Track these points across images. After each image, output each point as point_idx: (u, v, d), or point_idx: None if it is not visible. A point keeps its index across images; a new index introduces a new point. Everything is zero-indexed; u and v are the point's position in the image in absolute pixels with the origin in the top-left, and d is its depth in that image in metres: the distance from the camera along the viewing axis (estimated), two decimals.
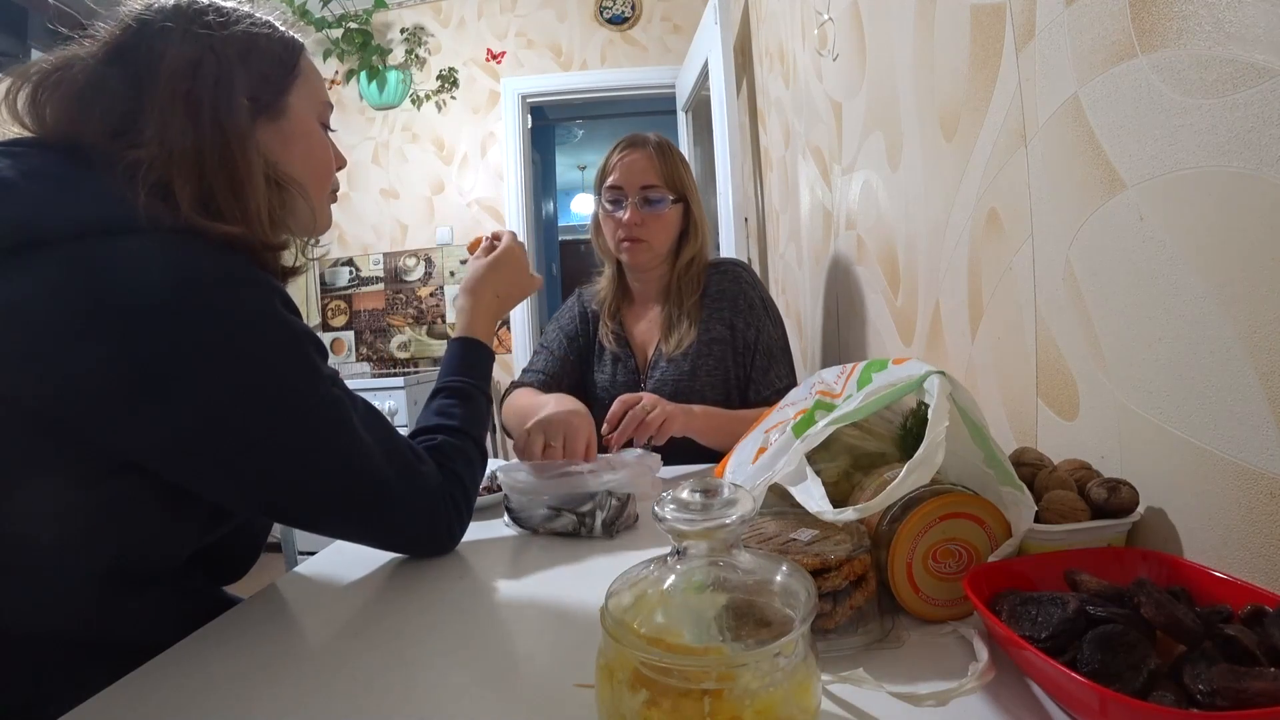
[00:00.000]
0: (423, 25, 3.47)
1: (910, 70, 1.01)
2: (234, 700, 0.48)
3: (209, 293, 0.54)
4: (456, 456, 0.73)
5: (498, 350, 3.46)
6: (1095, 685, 0.34)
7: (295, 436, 0.58)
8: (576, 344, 1.32)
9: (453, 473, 0.71)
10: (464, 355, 0.83)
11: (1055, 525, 0.52)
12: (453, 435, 0.75)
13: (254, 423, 0.56)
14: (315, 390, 0.59)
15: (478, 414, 0.79)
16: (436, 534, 0.71)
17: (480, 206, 3.48)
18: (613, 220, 1.22)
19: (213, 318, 0.54)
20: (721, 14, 2.25)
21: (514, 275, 0.92)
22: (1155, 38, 0.51)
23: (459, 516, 0.72)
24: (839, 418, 0.56)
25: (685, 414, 1.05)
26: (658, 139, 1.24)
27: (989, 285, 0.82)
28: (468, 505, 0.74)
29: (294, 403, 0.58)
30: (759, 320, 1.21)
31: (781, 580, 0.38)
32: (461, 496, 0.72)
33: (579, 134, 5.77)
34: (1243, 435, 0.45)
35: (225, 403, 0.55)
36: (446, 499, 0.69)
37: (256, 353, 0.56)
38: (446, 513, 0.70)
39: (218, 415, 0.55)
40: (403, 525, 0.68)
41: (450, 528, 0.72)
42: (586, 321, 1.34)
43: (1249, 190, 0.44)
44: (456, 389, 0.80)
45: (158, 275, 0.53)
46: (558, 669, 0.49)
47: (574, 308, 1.36)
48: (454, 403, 0.78)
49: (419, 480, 0.66)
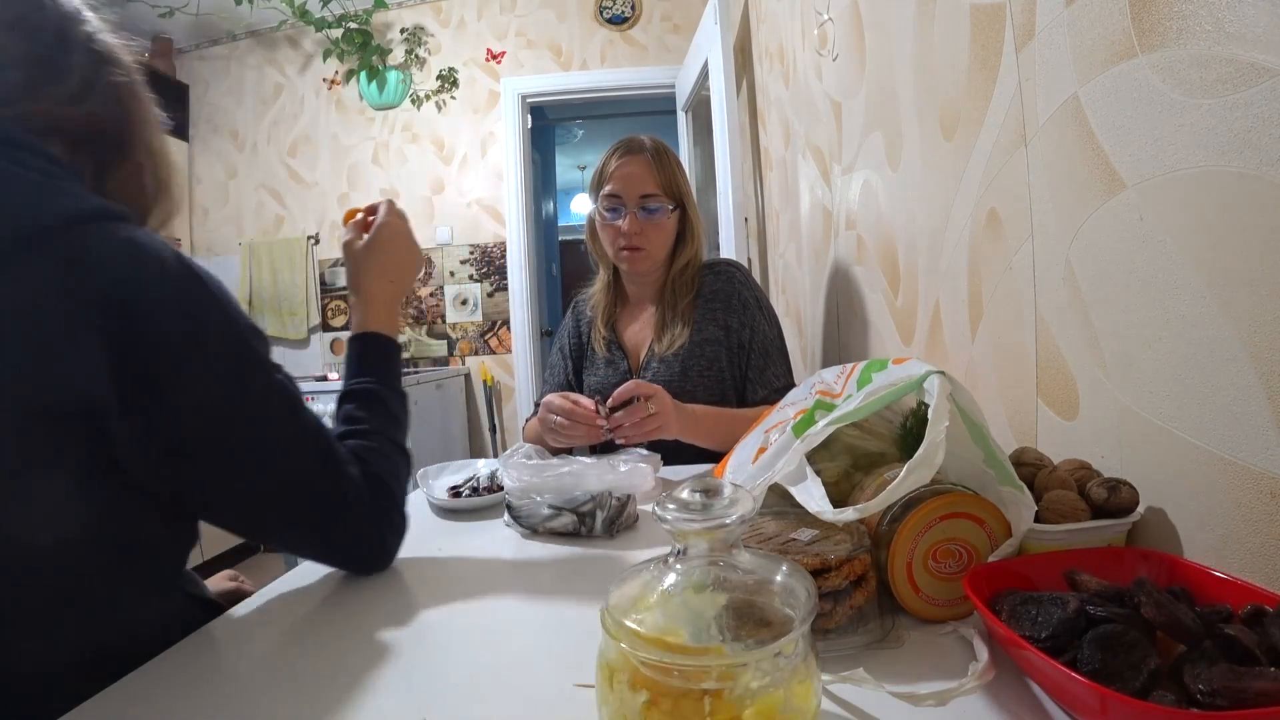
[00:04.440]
0: (423, 25, 3.47)
1: (910, 70, 1.01)
2: (234, 700, 0.48)
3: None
4: (372, 459, 0.67)
5: (497, 350, 3.47)
6: (1095, 685, 0.34)
7: (262, 430, 0.58)
8: (575, 358, 1.35)
9: (374, 476, 0.66)
10: (361, 354, 0.76)
11: (1055, 525, 0.52)
12: (364, 438, 0.69)
13: (237, 417, 0.56)
14: (271, 383, 0.59)
15: (387, 412, 0.73)
16: (368, 545, 0.67)
17: (480, 206, 3.48)
18: (611, 229, 1.22)
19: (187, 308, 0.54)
20: (721, 14, 2.25)
21: (401, 254, 0.81)
22: (1155, 37, 0.51)
23: (389, 522, 0.68)
24: (839, 418, 0.56)
25: (685, 417, 1.05)
26: (654, 143, 1.23)
27: (989, 285, 0.82)
28: (398, 511, 0.69)
29: (258, 396, 0.58)
30: (753, 319, 1.21)
31: (781, 580, 0.37)
32: (389, 502, 0.67)
33: (579, 134, 5.77)
34: (1243, 435, 0.45)
35: (212, 399, 0.55)
36: (375, 507, 0.65)
37: (223, 345, 0.56)
38: (376, 522, 0.66)
39: (207, 410, 0.54)
40: (335, 536, 0.65)
41: (381, 534, 0.67)
42: (580, 333, 1.36)
43: (1249, 190, 0.44)
44: (357, 392, 0.73)
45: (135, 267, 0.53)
46: (558, 669, 0.49)
47: (569, 322, 1.39)
48: (354, 407, 0.72)
49: (349, 485, 0.63)
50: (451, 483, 1.03)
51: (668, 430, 1.01)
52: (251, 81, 3.60)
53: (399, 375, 0.78)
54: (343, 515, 0.63)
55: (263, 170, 3.59)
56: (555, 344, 1.41)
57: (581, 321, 1.36)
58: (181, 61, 3.63)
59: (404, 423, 0.76)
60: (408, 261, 0.82)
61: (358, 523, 0.64)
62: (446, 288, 3.52)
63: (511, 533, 0.84)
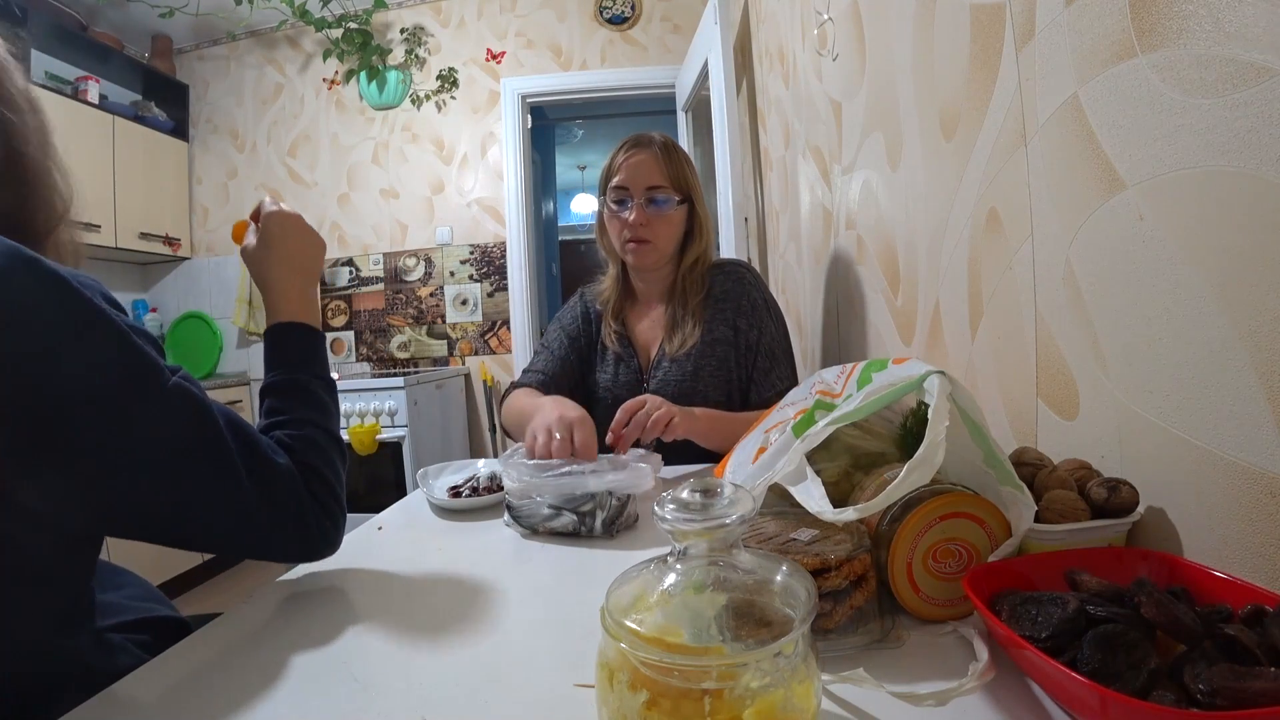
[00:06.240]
0: (423, 25, 3.47)
1: (910, 70, 1.01)
2: (234, 700, 0.48)
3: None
4: (299, 446, 0.65)
5: (497, 350, 3.47)
6: (1095, 685, 0.34)
7: (169, 442, 0.54)
8: (578, 344, 1.32)
9: (304, 465, 0.64)
10: (275, 346, 0.73)
11: (1055, 525, 0.52)
12: (287, 428, 0.66)
13: (137, 438, 0.52)
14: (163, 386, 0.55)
15: (310, 400, 0.70)
16: (308, 538, 0.64)
17: (480, 206, 3.48)
18: (618, 220, 1.22)
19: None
20: (721, 14, 2.25)
21: (295, 240, 0.77)
22: (1155, 37, 0.51)
23: (324, 509, 0.65)
24: (839, 418, 0.56)
25: (687, 416, 1.04)
26: (663, 139, 1.24)
27: (989, 285, 0.82)
28: (333, 498, 0.66)
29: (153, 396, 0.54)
30: (762, 321, 1.21)
31: (781, 580, 0.38)
32: (323, 489, 0.65)
33: (579, 134, 5.77)
34: (1243, 435, 0.45)
35: (106, 423, 0.51)
36: (308, 495, 0.63)
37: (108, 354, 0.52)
38: (314, 513, 0.63)
39: (104, 441, 0.51)
40: (271, 531, 0.62)
41: (318, 522, 0.64)
42: (589, 321, 1.34)
43: (1249, 190, 0.43)
44: (274, 385, 0.70)
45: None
46: (558, 669, 0.49)
47: (576, 307, 1.36)
48: (273, 400, 0.69)
49: (278, 476, 0.61)
50: (451, 483, 1.04)
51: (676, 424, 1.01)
52: (251, 81, 3.60)
53: (323, 361, 0.74)
54: (276, 507, 0.60)
55: (263, 170, 3.59)
56: (555, 323, 1.37)
57: (590, 313, 1.34)
58: (181, 61, 3.64)
59: (332, 409, 0.73)
60: (305, 248, 0.78)
61: (292, 513, 0.62)
62: (446, 288, 3.52)
63: (511, 533, 0.84)
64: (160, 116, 3.37)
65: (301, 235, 0.78)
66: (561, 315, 1.38)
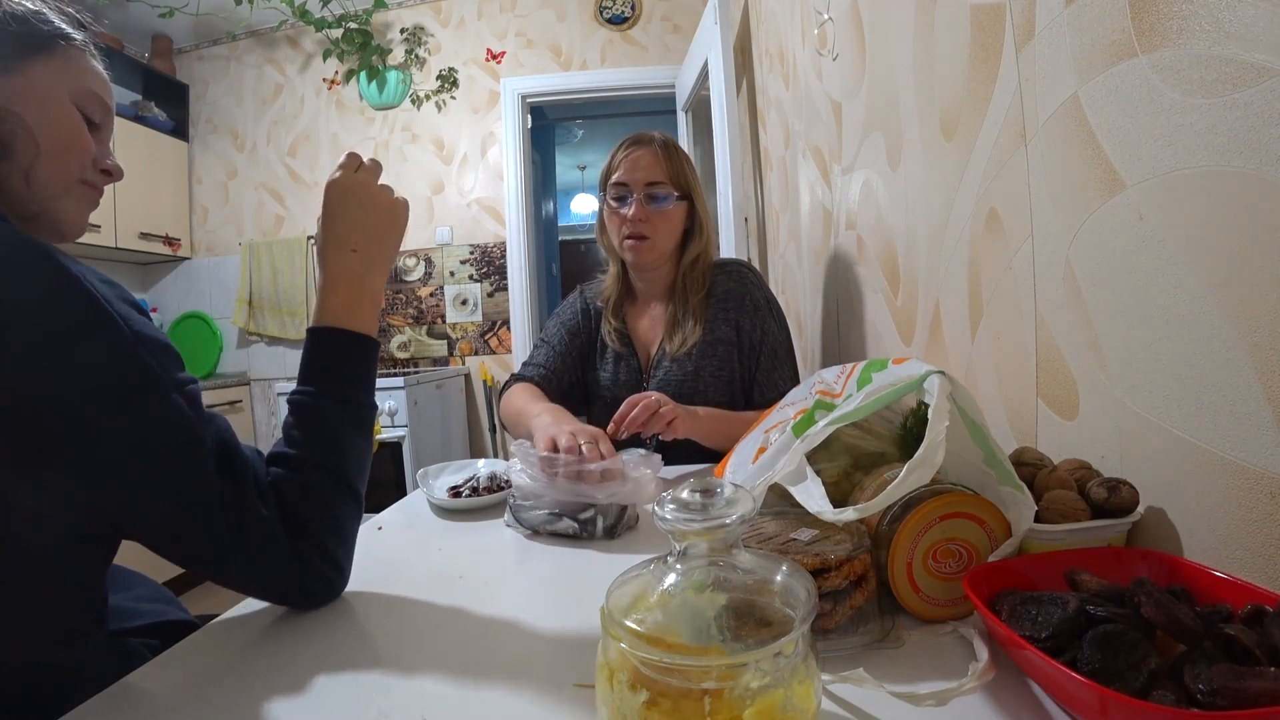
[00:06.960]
0: (423, 25, 3.47)
1: (910, 70, 1.01)
2: (234, 700, 0.48)
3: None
4: (293, 495, 0.58)
5: (497, 350, 3.47)
6: (1095, 685, 0.34)
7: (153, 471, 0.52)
8: (578, 340, 1.31)
9: (292, 520, 0.57)
10: (306, 354, 0.63)
11: (1055, 525, 0.52)
12: (290, 469, 0.59)
13: (123, 456, 0.50)
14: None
15: (325, 433, 0.61)
16: (285, 591, 0.60)
17: (480, 206, 3.48)
18: (618, 217, 1.22)
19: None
20: (721, 14, 2.25)
21: (355, 212, 0.64)
22: (1155, 37, 0.51)
23: (309, 568, 0.59)
24: (839, 418, 0.56)
25: (689, 415, 1.04)
26: (663, 137, 1.24)
27: (989, 285, 0.82)
28: (323, 556, 0.60)
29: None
30: (764, 321, 1.21)
31: (781, 580, 0.38)
32: (310, 546, 0.58)
33: (579, 134, 5.76)
34: (1243, 435, 0.45)
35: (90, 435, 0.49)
36: (292, 553, 0.57)
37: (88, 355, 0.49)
38: (293, 568, 0.58)
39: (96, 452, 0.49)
40: (247, 584, 0.59)
41: (298, 582, 0.59)
42: (589, 318, 1.33)
43: (1249, 190, 0.44)
44: (296, 405, 0.62)
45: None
46: (558, 669, 0.49)
47: (576, 304, 1.36)
48: (291, 424, 0.61)
49: (255, 530, 0.55)
50: (451, 483, 1.04)
51: (680, 422, 1.01)
52: (251, 81, 3.60)
53: (358, 380, 0.62)
54: (250, 562, 0.56)
55: (263, 170, 3.59)
56: (555, 318, 1.36)
57: (590, 310, 1.34)
58: (181, 61, 3.63)
59: (349, 444, 0.61)
60: (365, 223, 0.63)
61: (268, 569, 0.57)
62: (446, 288, 3.52)
63: (512, 533, 0.84)
64: (160, 116, 3.37)
65: (362, 207, 0.63)
66: (561, 310, 1.37)
